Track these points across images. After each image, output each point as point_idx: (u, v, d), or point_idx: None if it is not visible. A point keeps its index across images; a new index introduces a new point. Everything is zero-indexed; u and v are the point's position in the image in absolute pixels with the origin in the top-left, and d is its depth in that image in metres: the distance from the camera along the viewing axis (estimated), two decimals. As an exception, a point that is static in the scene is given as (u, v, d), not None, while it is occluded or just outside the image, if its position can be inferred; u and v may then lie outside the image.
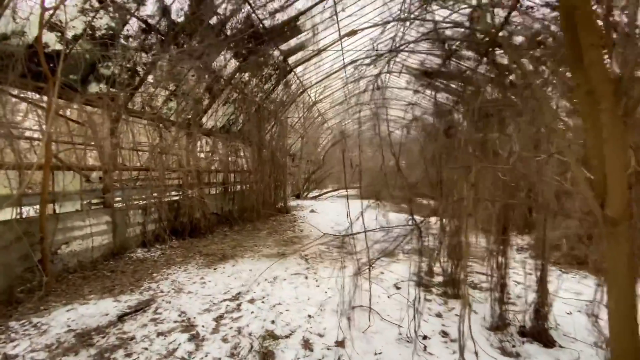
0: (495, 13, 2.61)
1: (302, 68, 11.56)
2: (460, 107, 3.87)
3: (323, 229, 8.98)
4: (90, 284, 4.77)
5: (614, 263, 1.94)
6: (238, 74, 9.09)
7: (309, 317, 3.78)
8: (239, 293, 4.48)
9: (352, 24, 9.71)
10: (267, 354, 3.05)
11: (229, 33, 7.40)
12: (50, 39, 4.80)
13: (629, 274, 1.81)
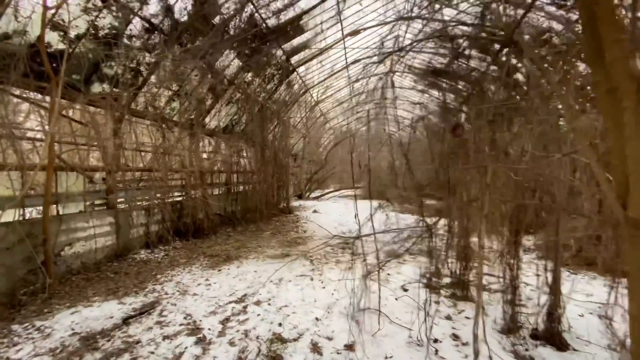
0: (510, 10, 2.55)
1: (304, 68, 11.50)
2: (469, 106, 3.80)
3: (327, 230, 8.93)
4: (94, 286, 4.72)
5: (636, 266, 1.88)
6: (241, 74, 9.04)
7: (317, 319, 3.71)
8: (245, 295, 4.43)
9: (355, 24, 9.66)
10: (275, 358, 2.99)
11: (232, 32, 7.35)
12: (53, 38, 4.75)
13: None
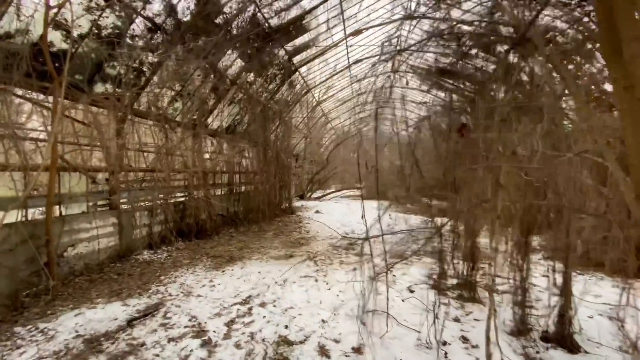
0: (521, 8, 2.50)
1: (306, 68, 11.47)
2: (476, 105, 3.76)
3: (329, 231, 8.88)
4: (97, 288, 4.68)
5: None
6: (243, 74, 9.00)
7: (323, 321, 3.67)
8: (250, 296, 4.38)
9: (358, 23, 9.62)
10: (282, 361, 2.95)
11: (235, 32, 7.31)
12: (56, 38, 4.71)
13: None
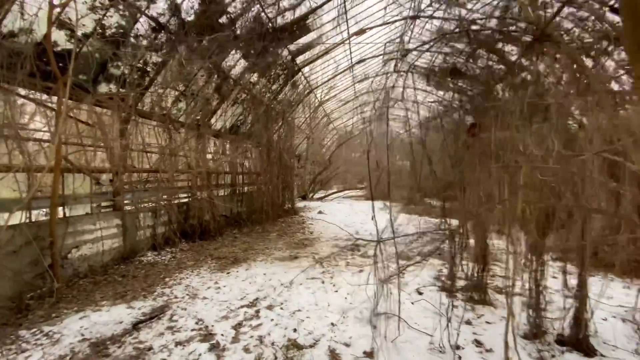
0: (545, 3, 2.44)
1: (308, 68, 11.41)
2: (488, 104, 3.70)
3: (333, 232, 8.83)
4: (102, 290, 4.62)
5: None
6: (247, 74, 8.95)
7: (332, 325, 3.60)
8: (256, 299, 4.32)
9: (360, 23, 9.56)
10: (292, 366, 2.89)
11: (239, 32, 7.26)
12: (60, 37, 4.66)
13: None
